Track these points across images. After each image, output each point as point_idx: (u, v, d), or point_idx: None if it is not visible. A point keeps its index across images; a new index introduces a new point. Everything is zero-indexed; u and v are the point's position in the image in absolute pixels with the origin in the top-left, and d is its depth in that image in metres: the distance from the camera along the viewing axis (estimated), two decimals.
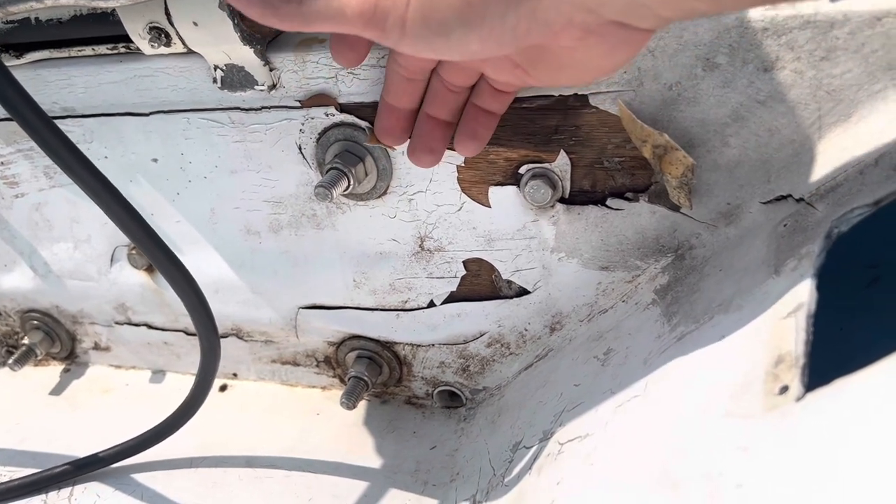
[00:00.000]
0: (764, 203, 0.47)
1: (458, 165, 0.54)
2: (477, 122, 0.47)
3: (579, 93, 0.48)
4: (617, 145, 0.49)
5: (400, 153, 0.54)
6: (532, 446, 0.53)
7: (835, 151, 0.44)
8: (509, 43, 0.34)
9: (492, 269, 0.58)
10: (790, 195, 0.46)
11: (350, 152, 0.53)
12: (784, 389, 0.34)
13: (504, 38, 0.34)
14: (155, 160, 0.60)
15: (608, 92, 0.47)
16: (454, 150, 0.49)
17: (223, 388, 0.74)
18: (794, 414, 0.32)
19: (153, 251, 0.46)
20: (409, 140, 0.49)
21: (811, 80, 0.43)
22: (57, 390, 0.78)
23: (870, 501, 0.26)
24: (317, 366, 0.71)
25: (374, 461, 0.64)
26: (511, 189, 0.53)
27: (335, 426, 0.68)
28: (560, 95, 0.48)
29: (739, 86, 0.44)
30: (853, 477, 0.28)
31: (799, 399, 0.32)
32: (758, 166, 0.47)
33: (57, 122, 0.59)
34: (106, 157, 0.60)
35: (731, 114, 0.45)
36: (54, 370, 0.80)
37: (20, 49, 0.56)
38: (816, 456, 0.30)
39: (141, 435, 0.62)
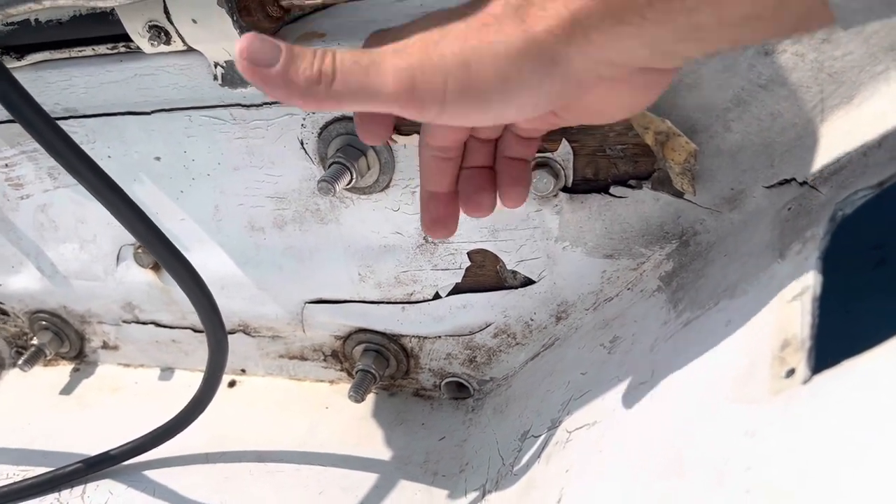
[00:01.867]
0: (767, 187, 0.47)
1: None
2: (513, 169, 0.46)
3: None
4: (619, 133, 0.49)
5: (402, 145, 0.54)
6: (540, 435, 0.53)
7: (838, 134, 0.43)
8: (544, 106, 0.35)
9: (496, 259, 0.58)
10: (794, 179, 0.46)
11: (352, 146, 0.53)
12: (790, 373, 0.34)
13: (539, 102, 0.34)
14: (158, 159, 0.60)
15: None
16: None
17: (232, 384, 0.75)
18: (801, 397, 0.32)
19: (159, 249, 0.46)
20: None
21: (812, 63, 0.43)
22: (67, 390, 0.78)
23: (878, 484, 0.27)
24: (324, 360, 0.71)
25: (383, 453, 0.64)
26: None
27: (344, 419, 0.68)
28: None
29: (740, 70, 0.44)
30: (861, 459, 0.28)
31: (806, 382, 0.32)
32: (761, 150, 0.47)
33: (59, 123, 0.60)
34: (109, 157, 0.61)
35: (732, 98, 0.45)
36: (64, 370, 0.81)
37: (21, 51, 0.56)
38: (824, 438, 0.30)
39: (151, 432, 0.62)
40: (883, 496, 0.26)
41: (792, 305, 0.36)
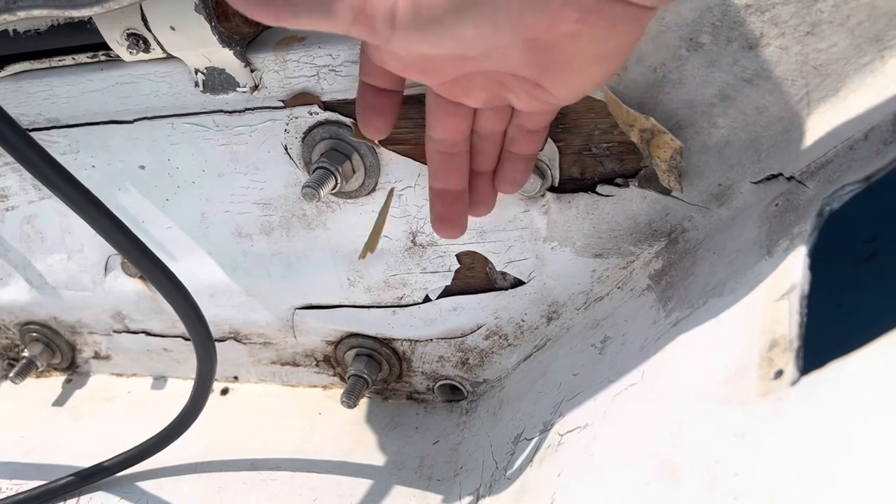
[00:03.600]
0: (755, 183, 0.47)
1: None
2: (515, 170, 0.47)
3: None
4: (604, 131, 0.49)
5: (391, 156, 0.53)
6: (533, 438, 0.53)
7: (824, 127, 0.43)
8: (504, 26, 0.33)
9: (485, 261, 0.58)
10: (781, 174, 0.45)
11: (336, 150, 0.53)
12: (779, 374, 0.33)
13: (498, 20, 0.33)
14: (142, 167, 0.59)
15: None
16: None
17: (224, 391, 0.74)
18: (790, 399, 0.32)
19: (136, 257, 0.45)
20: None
21: (797, 56, 0.42)
22: (59, 401, 0.78)
23: (868, 485, 0.26)
24: (316, 365, 0.70)
25: (377, 458, 0.64)
26: None
27: (338, 425, 0.68)
28: None
29: (724, 65, 0.44)
30: (849, 461, 0.27)
31: (794, 383, 0.32)
32: (747, 146, 0.46)
33: (42, 133, 0.59)
34: (93, 167, 0.60)
35: (717, 93, 0.45)
36: (56, 381, 0.80)
37: (0, 62, 0.55)
38: (812, 441, 0.29)
39: (144, 442, 0.62)
40: (872, 498, 0.26)
41: (779, 304, 0.36)
